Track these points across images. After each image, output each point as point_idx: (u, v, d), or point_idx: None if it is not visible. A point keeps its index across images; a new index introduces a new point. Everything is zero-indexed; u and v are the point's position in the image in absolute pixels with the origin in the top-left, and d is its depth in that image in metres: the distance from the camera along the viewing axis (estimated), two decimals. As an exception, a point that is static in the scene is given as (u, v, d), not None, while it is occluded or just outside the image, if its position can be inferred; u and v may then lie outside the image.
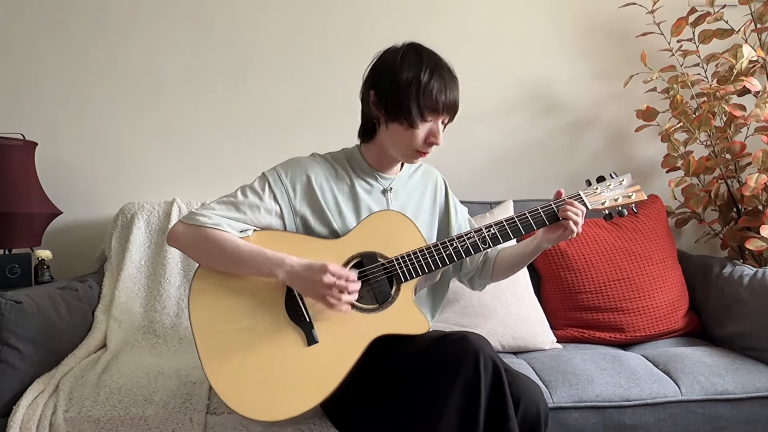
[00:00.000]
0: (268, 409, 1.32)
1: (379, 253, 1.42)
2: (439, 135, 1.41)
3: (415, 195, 1.56)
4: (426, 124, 1.40)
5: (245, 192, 1.44)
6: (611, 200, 1.48)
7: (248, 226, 1.42)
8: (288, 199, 1.44)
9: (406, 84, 1.37)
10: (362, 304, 1.39)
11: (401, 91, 1.37)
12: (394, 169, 1.53)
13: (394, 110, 1.39)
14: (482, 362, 1.19)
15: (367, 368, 1.35)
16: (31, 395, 1.50)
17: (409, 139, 1.41)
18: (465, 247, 1.42)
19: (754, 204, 2.09)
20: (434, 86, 1.37)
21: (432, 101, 1.37)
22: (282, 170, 1.46)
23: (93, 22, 2.30)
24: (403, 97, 1.37)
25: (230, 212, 1.41)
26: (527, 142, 2.43)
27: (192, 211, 1.42)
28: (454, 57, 1.47)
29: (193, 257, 1.47)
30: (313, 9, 2.36)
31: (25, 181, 2.07)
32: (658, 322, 1.97)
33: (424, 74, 1.37)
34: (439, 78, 1.38)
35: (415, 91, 1.37)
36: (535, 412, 1.28)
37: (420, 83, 1.37)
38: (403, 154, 1.45)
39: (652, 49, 2.26)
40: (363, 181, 1.50)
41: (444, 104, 1.39)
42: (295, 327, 1.37)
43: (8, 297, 1.53)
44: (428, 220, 1.57)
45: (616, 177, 1.51)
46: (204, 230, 1.38)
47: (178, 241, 1.43)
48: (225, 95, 2.34)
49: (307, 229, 1.46)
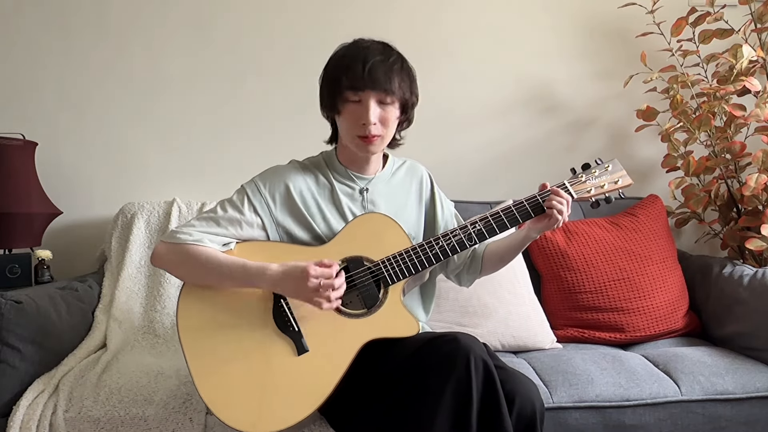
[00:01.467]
0: (262, 421, 1.31)
1: (365, 257, 1.41)
2: (368, 113, 1.35)
3: (398, 193, 1.54)
4: (355, 105, 1.38)
5: (225, 207, 1.43)
6: (597, 187, 1.46)
7: (230, 240, 1.42)
8: (268, 210, 1.44)
9: (326, 70, 1.40)
10: (351, 310, 1.38)
11: (325, 78, 1.41)
12: (371, 168, 1.51)
13: (324, 100, 1.41)
14: (473, 363, 1.19)
15: (360, 371, 1.34)
16: (31, 395, 1.50)
17: (345, 126, 1.41)
18: (451, 246, 1.41)
19: (754, 204, 2.09)
20: (348, 62, 1.36)
21: (348, 77, 1.35)
22: (260, 181, 1.45)
23: (93, 23, 2.30)
24: (325, 84, 1.40)
25: (211, 227, 1.40)
26: (527, 142, 2.43)
27: (173, 230, 1.42)
28: (454, 57, 1.48)
29: (177, 275, 1.46)
30: (313, 9, 2.36)
31: (25, 181, 2.07)
32: (658, 322, 1.97)
33: (334, 58, 1.40)
34: (351, 58, 1.37)
35: (331, 72, 1.39)
36: (530, 410, 1.28)
37: (329, 67, 1.40)
38: (352, 145, 1.43)
39: (652, 49, 2.26)
40: (341, 183, 1.49)
41: (361, 79, 1.34)
42: (284, 337, 1.36)
43: (8, 297, 1.53)
44: (414, 218, 1.55)
45: (602, 163, 1.49)
46: (185, 247, 1.38)
47: (161, 260, 1.42)
48: (225, 96, 2.34)
49: (291, 238, 1.45)
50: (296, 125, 2.35)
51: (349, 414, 1.37)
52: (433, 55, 2.33)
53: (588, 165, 1.49)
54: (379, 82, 1.35)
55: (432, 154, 1.46)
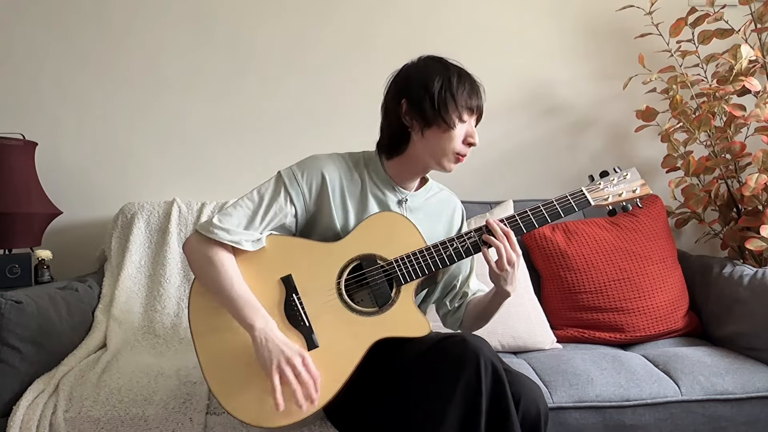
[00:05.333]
0: (269, 415, 1.31)
1: (379, 255, 1.40)
2: (476, 135, 1.42)
3: (431, 216, 1.54)
4: (462, 125, 1.40)
5: (262, 196, 1.42)
6: (615, 195, 1.46)
7: (262, 236, 1.41)
8: (303, 201, 1.43)
9: (439, 87, 1.38)
10: (362, 308, 1.38)
11: (436, 94, 1.38)
12: (412, 185, 1.51)
13: (431, 114, 1.38)
14: (482, 365, 1.19)
15: (368, 371, 1.34)
16: (31, 395, 1.50)
17: (447, 143, 1.40)
18: (465, 248, 1.41)
19: (754, 204, 2.09)
20: (466, 86, 1.40)
21: (466, 101, 1.39)
22: (298, 171, 1.44)
23: (93, 23, 2.31)
24: (439, 99, 1.38)
25: (249, 220, 1.39)
26: (527, 143, 2.43)
27: (211, 222, 1.38)
28: (455, 58, 1.47)
29: (192, 270, 1.45)
30: (314, 9, 2.36)
31: (25, 181, 2.07)
32: (658, 322, 1.97)
33: (453, 77, 1.40)
34: (467, 79, 1.42)
35: (450, 92, 1.38)
36: (535, 413, 1.28)
37: (452, 84, 1.38)
38: (440, 161, 1.43)
39: (652, 49, 2.27)
40: (377, 188, 1.48)
41: (476, 104, 1.41)
42: (294, 332, 1.36)
43: (8, 297, 1.53)
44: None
45: (620, 171, 1.48)
46: (216, 249, 1.36)
47: (191, 250, 1.41)
48: (225, 96, 2.34)
49: (311, 225, 1.45)
50: (296, 125, 2.36)
51: (356, 413, 1.37)
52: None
53: (606, 172, 1.48)
54: (482, 112, 1.44)
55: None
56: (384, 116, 1.47)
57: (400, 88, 1.43)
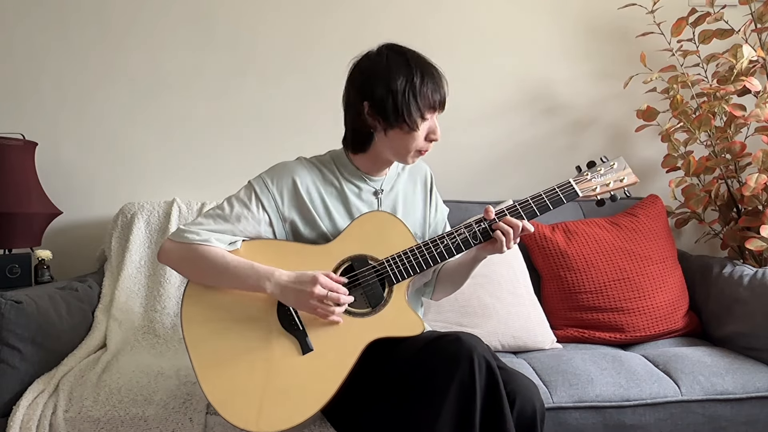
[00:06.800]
0: (267, 420, 1.31)
1: (370, 255, 1.41)
2: (438, 130, 1.43)
3: (406, 192, 1.56)
4: (425, 123, 1.41)
5: (232, 203, 1.43)
6: (602, 185, 1.45)
7: (237, 238, 1.42)
8: (276, 207, 1.43)
9: (402, 90, 1.37)
10: (355, 309, 1.38)
11: (399, 98, 1.37)
12: (383, 171, 1.53)
13: (394, 117, 1.38)
14: (476, 363, 1.19)
15: (364, 371, 1.34)
16: (31, 395, 1.50)
17: (409, 142, 1.41)
18: (456, 244, 1.41)
19: (754, 204, 2.09)
20: (428, 86, 1.39)
21: (429, 101, 1.39)
22: (268, 177, 1.45)
23: (93, 22, 2.30)
24: (401, 104, 1.37)
25: (219, 225, 1.40)
26: (527, 142, 2.43)
27: (180, 228, 1.41)
28: (455, 57, 1.48)
29: (183, 273, 1.47)
30: (313, 9, 2.36)
31: (25, 181, 2.07)
32: (658, 322, 1.97)
33: (416, 77, 1.38)
34: (431, 76, 1.40)
35: (413, 95, 1.37)
36: (530, 411, 1.28)
37: (415, 86, 1.38)
38: (403, 157, 1.45)
39: (653, 49, 2.26)
40: (351, 183, 1.49)
41: (439, 101, 1.41)
42: (288, 336, 1.37)
43: (8, 297, 1.53)
44: (420, 216, 1.57)
45: (607, 161, 1.48)
46: (193, 247, 1.38)
47: (168, 258, 1.43)
48: (225, 95, 2.34)
49: (296, 234, 1.45)
50: (296, 125, 2.36)
51: (352, 414, 1.37)
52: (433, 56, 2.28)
53: (593, 163, 1.48)
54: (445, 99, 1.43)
55: (432, 153, 1.45)
56: (346, 111, 1.48)
57: (361, 87, 1.43)
